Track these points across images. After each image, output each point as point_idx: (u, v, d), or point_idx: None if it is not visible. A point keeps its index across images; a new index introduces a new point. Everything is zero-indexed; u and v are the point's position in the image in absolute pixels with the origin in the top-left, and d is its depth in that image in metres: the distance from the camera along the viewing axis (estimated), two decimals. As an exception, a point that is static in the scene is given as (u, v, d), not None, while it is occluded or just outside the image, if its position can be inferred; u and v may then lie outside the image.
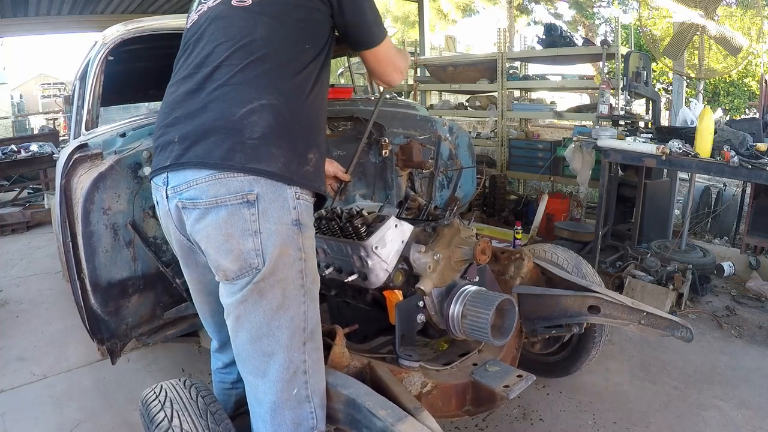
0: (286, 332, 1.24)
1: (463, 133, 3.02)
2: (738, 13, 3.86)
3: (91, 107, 2.15)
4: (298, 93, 1.28)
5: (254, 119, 1.20)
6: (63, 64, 44.19)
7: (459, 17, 16.97)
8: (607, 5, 15.73)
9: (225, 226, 1.19)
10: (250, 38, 1.27)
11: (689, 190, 3.84)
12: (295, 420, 1.27)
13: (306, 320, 1.27)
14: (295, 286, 1.24)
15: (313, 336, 1.30)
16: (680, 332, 1.75)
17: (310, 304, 1.28)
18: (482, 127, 6.52)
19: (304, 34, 1.33)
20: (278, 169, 1.19)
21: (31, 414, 2.35)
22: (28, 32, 7.84)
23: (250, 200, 1.18)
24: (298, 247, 1.24)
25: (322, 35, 1.38)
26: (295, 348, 1.26)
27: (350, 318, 2.02)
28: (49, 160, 6.13)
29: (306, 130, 1.28)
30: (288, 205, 1.21)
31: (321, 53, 1.37)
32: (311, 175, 1.27)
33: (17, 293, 3.81)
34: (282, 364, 1.25)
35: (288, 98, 1.26)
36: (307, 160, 1.27)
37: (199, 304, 1.53)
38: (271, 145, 1.20)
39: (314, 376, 1.31)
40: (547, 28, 5.12)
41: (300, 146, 1.26)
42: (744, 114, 8.84)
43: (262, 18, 1.30)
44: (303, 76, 1.31)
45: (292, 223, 1.22)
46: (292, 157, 1.23)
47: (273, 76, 1.26)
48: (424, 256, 1.67)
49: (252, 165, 1.17)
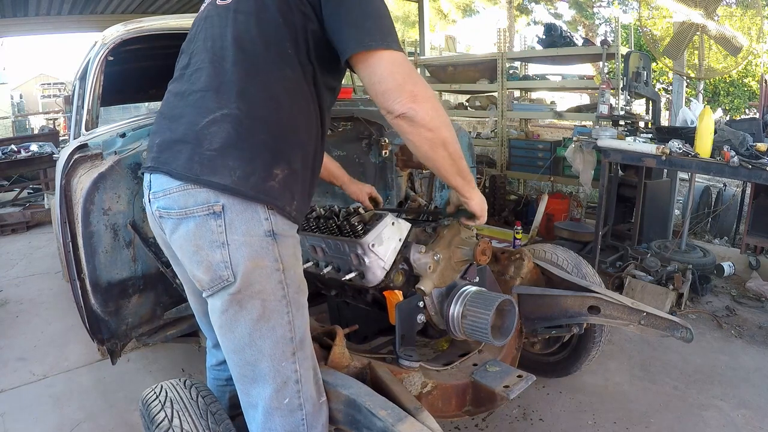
0: (269, 342, 1.21)
1: (463, 133, 3.02)
2: (738, 13, 3.86)
3: (91, 107, 2.15)
4: (266, 100, 1.18)
5: (214, 129, 1.14)
6: (63, 64, 44.28)
7: (459, 17, 16.98)
8: (607, 5, 15.74)
9: (194, 237, 1.16)
10: (222, 40, 1.22)
11: (689, 190, 3.84)
12: (287, 428, 1.26)
13: (293, 330, 1.24)
14: (275, 297, 1.20)
15: (303, 345, 1.27)
16: (680, 332, 1.75)
17: (295, 313, 1.24)
18: (482, 127, 6.52)
19: (281, 34, 1.20)
20: (232, 182, 1.12)
21: (31, 414, 2.35)
22: (28, 32, 7.85)
23: (216, 211, 1.14)
24: (274, 257, 1.18)
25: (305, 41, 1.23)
26: (282, 358, 1.23)
27: (350, 318, 2.02)
28: (49, 160, 6.13)
29: (274, 141, 1.18)
30: (259, 216, 1.16)
31: (307, 60, 1.23)
32: (275, 192, 1.16)
33: (17, 293, 3.81)
34: (268, 374, 1.23)
35: (253, 106, 1.17)
36: (272, 175, 1.16)
37: (192, 303, 1.53)
38: (228, 156, 1.13)
39: (306, 385, 1.28)
40: (547, 28, 5.12)
41: (264, 158, 1.16)
42: (744, 114, 8.83)
43: (237, 16, 1.22)
44: (276, 83, 1.20)
45: (265, 234, 1.16)
46: (251, 169, 1.14)
47: (240, 83, 1.18)
48: (424, 256, 1.67)
49: (206, 177, 1.12)
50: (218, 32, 1.25)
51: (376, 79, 1.17)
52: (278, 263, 1.19)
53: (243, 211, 1.15)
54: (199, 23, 1.34)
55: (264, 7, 1.21)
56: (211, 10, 1.31)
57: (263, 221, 1.16)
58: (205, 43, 1.26)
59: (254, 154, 1.15)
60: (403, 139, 1.26)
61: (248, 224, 1.15)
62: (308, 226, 1.79)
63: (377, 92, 1.18)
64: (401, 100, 1.16)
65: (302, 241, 1.83)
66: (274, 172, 1.17)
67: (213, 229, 1.15)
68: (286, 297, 1.22)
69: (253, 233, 1.16)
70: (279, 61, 1.20)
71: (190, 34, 1.38)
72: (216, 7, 1.29)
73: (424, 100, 1.18)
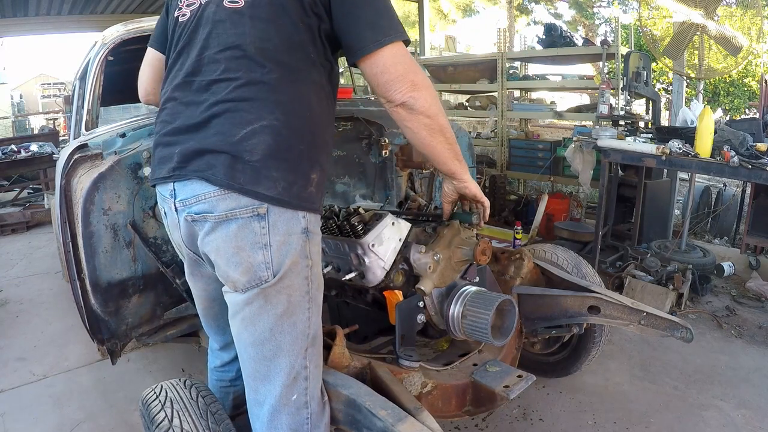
0: (289, 338, 1.23)
1: (463, 133, 3.02)
2: (738, 13, 3.86)
3: (91, 107, 2.15)
4: (300, 109, 1.21)
5: (254, 141, 1.15)
6: (63, 64, 44.30)
7: (459, 17, 16.98)
8: (607, 5, 15.74)
9: (235, 239, 1.17)
10: (244, 47, 1.19)
11: (689, 190, 3.84)
12: (292, 426, 1.27)
13: (310, 326, 1.26)
14: (300, 293, 1.23)
15: (315, 342, 1.29)
16: (680, 332, 1.75)
17: (314, 310, 1.27)
18: (482, 127, 6.52)
19: (302, 37, 1.22)
20: (277, 194, 1.16)
21: (31, 414, 2.35)
22: (28, 32, 7.85)
23: (260, 213, 1.16)
24: (306, 254, 1.22)
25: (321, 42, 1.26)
26: (297, 354, 1.25)
27: (350, 318, 2.02)
28: (49, 160, 6.13)
29: (309, 149, 1.22)
30: (298, 216, 1.20)
31: (325, 59, 1.27)
32: (313, 197, 1.22)
33: (17, 293, 3.81)
34: (283, 369, 1.24)
35: (289, 116, 1.19)
36: (310, 181, 1.21)
37: (203, 309, 1.53)
38: (271, 167, 1.16)
39: (313, 382, 1.30)
40: (547, 28, 5.12)
41: (303, 167, 1.20)
42: (744, 114, 8.84)
43: (254, 23, 1.20)
44: (305, 87, 1.23)
45: (302, 231, 1.21)
46: (293, 179, 1.18)
47: (274, 92, 1.19)
48: (424, 256, 1.67)
49: (251, 187, 1.14)
50: (235, 40, 1.20)
51: (378, 70, 1.20)
52: (308, 260, 1.23)
53: (285, 212, 1.18)
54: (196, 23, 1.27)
55: (282, 13, 1.20)
56: (216, 12, 1.24)
57: (301, 219, 1.20)
58: (222, 50, 1.21)
59: (295, 164, 1.19)
60: (401, 126, 1.30)
61: (288, 224, 1.19)
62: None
63: (379, 82, 1.21)
64: (402, 89, 1.20)
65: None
66: (312, 178, 1.22)
67: (256, 230, 1.16)
68: (309, 293, 1.25)
69: (292, 232, 1.19)
70: (304, 66, 1.23)
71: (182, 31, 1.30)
72: (222, 10, 1.23)
73: (423, 88, 1.22)
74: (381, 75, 1.20)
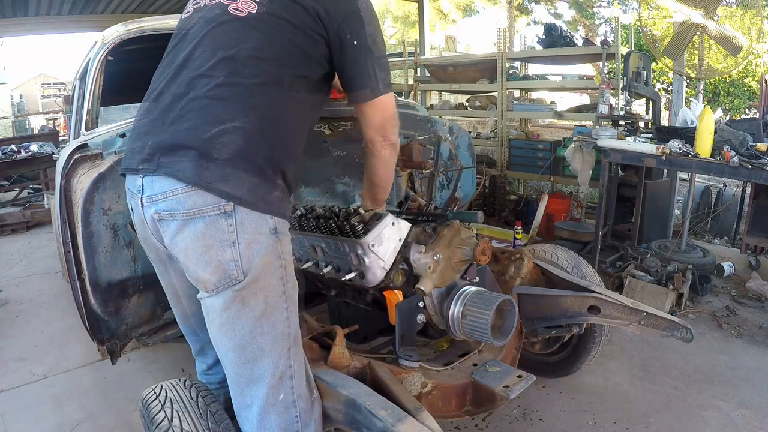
0: (269, 338, 1.24)
1: (463, 134, 3.02)
2: (738, 13, 3.86)
3: (91, 107, 2.15)
4: (276, 117, 1.26)
5: (224, 140, 1.17)
6: (63, 64, 44.32)
7: (459, 17, 16.99)
8: (607, 5, 15.75)
9: (203, 237, 1.17)
10: (235, 51, 1.24)
11: (689, 190, 3.84)
12: (282, 425, 1.27)
13: (289, 326, 1.27)
14: (276, 293, 1.24)
15: (297, 341, 1.31)
16: (680, 332, 1.75)
17: (291, 309, 1.28)
18: (482, 127, 6.52)
19: (294, 59, 1.29)
20: (243, 194, 1.17)
21: (31, 414, 2.35)
22: (28, 32, 7.86)
23: (227, 211, 1.17)
24: (278, 254, 1.24)
25: (316, 67, 1.35)
26: (280, 354, 1.26)
27: (350, 318, 2.02)
28: (49, 160, 6.14)
29: (279, 157, 1.26)
30: (264, 216, 1.21)
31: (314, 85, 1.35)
32: (280, 201, 1.25)
33: (17, 293, 3.81)
34: (267, 370, 1.25)
35: (263, 122, 1.23)
36: (276, 186, 1.25)
37: (174, 306, 1.54)
38: (239, 168, 1.18)
39: (299, 381, 1.31)
40: (547, 28, 5.12)
41: (269, 172, 1.23)
42: (744, 114, 8.84)
43: (253, 33, 1.27)
44: (285, 98, 1.28)
45: (270, 232, 1.22)
46: (259, 182, 1.21)
47: (251, 96, 1.22)
48: (424, 256, 1.67)
49: (217, 185, 1.16)
50: (232, 44, 1.26)
51: (378, 114, 1.44)
52: (281, 260, 1.25)
53: (251, 212, 1.19)
54: (197, 22, 1.33)
55: (283, 31, 1.29)
56: (219, 15, 1.30)
57: (269, 220, 1.22)
58: (214, 50, 1.25)
59: (262, 168, 1.22)
60: (376, 161, 1.54)
61: (256, 223, 1.20)
62: (308, 226, 1.79)
63: (377, 125, 1.46)
64: (395, 132, 1.49)
65: (302, 241, 1.84)
66: (278, 183, 1.26)
67: (224, 228, 1.17)
68: (285, 293, 1.26)
69: (260, 231, 1.20)
70: (289, 81, 1.29)
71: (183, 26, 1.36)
72: (226, 14, 1.29)
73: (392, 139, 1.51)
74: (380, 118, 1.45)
